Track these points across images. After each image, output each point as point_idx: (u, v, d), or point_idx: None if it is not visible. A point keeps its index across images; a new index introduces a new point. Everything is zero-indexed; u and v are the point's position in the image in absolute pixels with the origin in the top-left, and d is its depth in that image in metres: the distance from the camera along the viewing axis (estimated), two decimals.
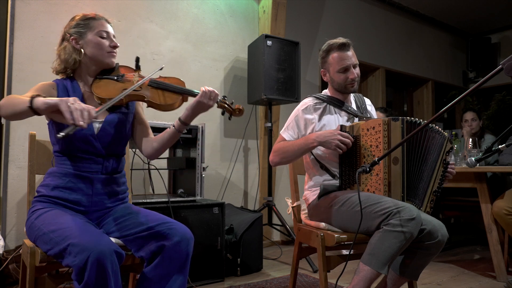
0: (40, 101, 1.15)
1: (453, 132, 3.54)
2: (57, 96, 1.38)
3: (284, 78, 3.16)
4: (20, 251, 1.68)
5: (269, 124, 3.30)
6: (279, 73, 3.14)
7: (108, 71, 1.48)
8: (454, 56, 5.97)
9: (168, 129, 1.49)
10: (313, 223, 1.79)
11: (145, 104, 1.46)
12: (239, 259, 2.57)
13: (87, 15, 1.46)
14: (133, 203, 1.57)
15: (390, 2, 4.88)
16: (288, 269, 2.73)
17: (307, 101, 1.86)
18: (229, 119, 1.53)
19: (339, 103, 1.86)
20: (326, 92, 1.95)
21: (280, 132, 1.88)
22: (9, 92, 2.42)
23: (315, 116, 1.82)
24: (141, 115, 1.59)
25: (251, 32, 3.67)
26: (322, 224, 1.71)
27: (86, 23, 1.44)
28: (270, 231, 3.59)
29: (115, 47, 1.47)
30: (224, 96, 1.50)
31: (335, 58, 1.80)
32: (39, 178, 1.88)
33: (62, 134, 1.11)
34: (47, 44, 2.58)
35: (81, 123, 1.08)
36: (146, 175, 2.87)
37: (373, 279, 1.47)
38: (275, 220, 3.41)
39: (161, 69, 1.49)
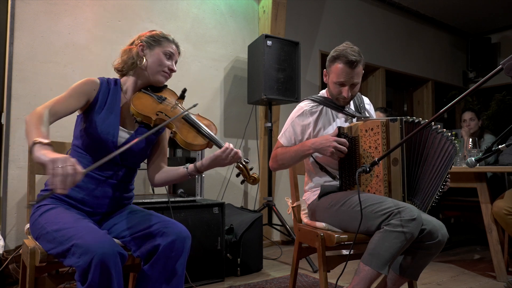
0: (36, 150, 1.08)
1: (453, 132, 3.53)
2: (96, 97, 1.40)
3: (284, 78, 3.16)
4: (20, 251, 1.68)
5: (269, 124, 3.30)
6: (279, 73, 3.14)
7: (154, 89, 1.52)
8: (454, 56, 5.96)
9: (180, 169, 1.49)
10: (313, 223, 1.79)
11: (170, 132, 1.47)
12: (239, 259, 2.56)
13: (166, 34, 1.52)
14: (133, 203, 1.58)
15: (390, 2, 4.88)
16: (288, 269, 2.74)
17: (303, 105, 1.85)
18: (241, 183, 1.53)
19: (335, 105, 1.85)
20: (323, 93, 1.94)
21: (278, 137, 1.88)
22: (9, 92, 2.42)
23: (311, 120, 1.82)
24: (164, 141, 1.59)
25: (251, 32, 3.67)
26: (322, 224, 1.71)
27: (161, 40, 1.50)
28: (270, 231, 3.59)
29: (172, 71, 1.52)
30: (246, 160, 1.49)
31: (337, 70, 1.75)
32: (39, 178, 1.89)
33: (31, 202, 1.20)
34: (47, 44, 2.58)
35: (59, 191, 1.01)
36: (146, 175, 2.87)
37: (374, 279, 1.47)
38: (275, 220, 3.41)
39: (194, 105, 1.46)
